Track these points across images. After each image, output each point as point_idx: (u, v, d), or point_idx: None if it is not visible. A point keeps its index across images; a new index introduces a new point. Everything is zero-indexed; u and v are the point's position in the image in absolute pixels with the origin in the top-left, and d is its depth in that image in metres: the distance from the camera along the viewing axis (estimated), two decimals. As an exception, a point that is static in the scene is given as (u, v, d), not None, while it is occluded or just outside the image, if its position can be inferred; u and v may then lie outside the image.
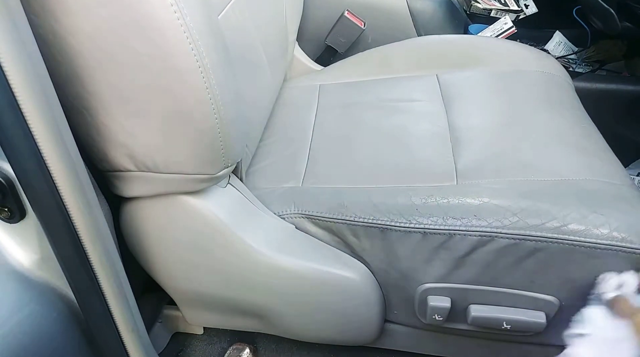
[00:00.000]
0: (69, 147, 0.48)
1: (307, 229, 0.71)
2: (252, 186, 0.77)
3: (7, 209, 0.51)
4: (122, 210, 0.67)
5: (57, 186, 0.47)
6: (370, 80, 1.03)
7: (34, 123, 0.43)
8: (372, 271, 0.70)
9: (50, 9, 0.47)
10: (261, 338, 0.91)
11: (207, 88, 0.52)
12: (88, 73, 0.51)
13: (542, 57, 1.02)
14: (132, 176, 0.60)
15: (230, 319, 0.81)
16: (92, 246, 0.52)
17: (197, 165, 0.58)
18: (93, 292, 0.55)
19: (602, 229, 0.59)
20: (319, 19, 1.20)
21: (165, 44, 0.48)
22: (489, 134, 0.80)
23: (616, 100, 1.12)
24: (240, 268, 0.69)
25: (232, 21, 0.76)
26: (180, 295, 0.78)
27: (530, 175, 0.69)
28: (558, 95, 0.90)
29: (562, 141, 0.76)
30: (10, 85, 0.41)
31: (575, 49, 1.27)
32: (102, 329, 0.59)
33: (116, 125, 0.55)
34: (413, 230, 0.64)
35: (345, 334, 0.75)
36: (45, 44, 0.48)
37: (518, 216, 0.61)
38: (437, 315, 0.67)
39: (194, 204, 0.64)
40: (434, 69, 1.02)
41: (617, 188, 0.67)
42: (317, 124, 0.92)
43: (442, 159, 0.76)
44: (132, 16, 0.47)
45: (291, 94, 1.05)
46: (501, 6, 1.38)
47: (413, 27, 1.18)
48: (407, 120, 0.87)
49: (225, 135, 0.56)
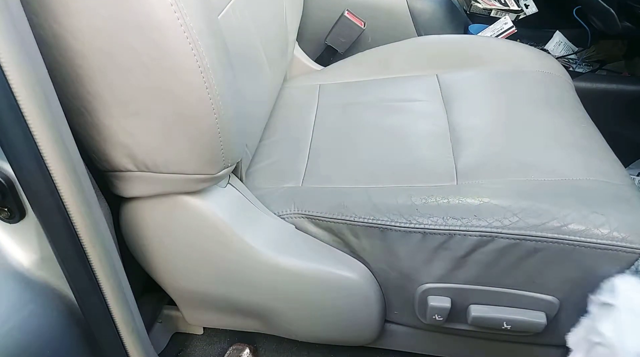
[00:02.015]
0: (69, 148, 0.48)
1: (307, 229, 0.71)
2: (252, 186, 0.77)
3: (7, 209, 0.51)
4: (122, 210, 0.67)
5: (57, 186, 0.47)
6: (370, 80, 1.03)
7: (34, 123, 0.43)
8: (372, 271, 0.70)
9: (50, 9, 0.47)
10: (261, 338, 0.91)
11: (207, 88, 0.52)
12: (88, 73, 0.51)
13: (542, 57, 1.02)
14: (132, 176, 0.60)
15: (230, 319, 0.81)
16: (91, 246, 0.52)
17: (197, 166, 0.58)
18: (93, 292, 0.55)
19: (602, 229, 0.59)
20: (319, 19, 1.20)
21: (165, 44, 0.48)
22: (489, 134, 0.80)
23: (616, 100, 1.12)
24: (240, 268, 0.69)
25: (232, 21, 0.76)
26: (180, 295, 0.78)
27: (530, 175, 0.69)
28: (558, 95, 0.90)
29: (562, 141, 0.76)
30: (10, 85, 0.41)
31: (575, 49, 1.27)
32: (102, 329, 0.59)
33: (116, 125, 0.55)
34: (413, 230, 0.64)
35: (345, 334, 0.75)
36: (45, 45, 0.49)
37: (518, 216, 0.61)
38: (437, 315, 0.67)
39: (194, 204, 0.64)
40: (434, 69, 1.02)
41: (617, 188, 0.67)
42: (317, 124, 0.92)
43: (442, 159, 0.76)
44: (132, 16, 0.47)
45: (291, 94, 1.05)
46: (501, 6, 1.38)
47: (413, 27, 1.18)
48: (407, 120, 0.87)
49: (225, 135, 0.56)
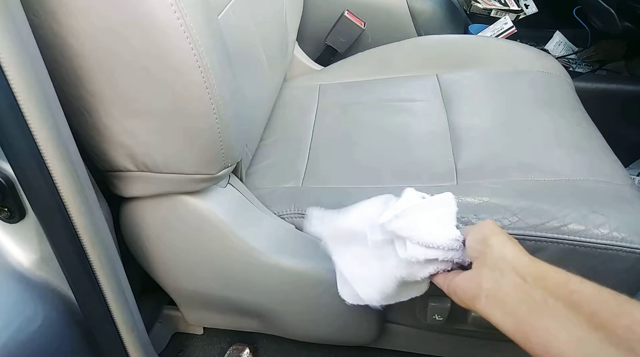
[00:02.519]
0: (69, 148, 0.48)
1: (307, 229, 0.71)
2: (252, 186, 0.77)
3: (7, 209, 0.51)
4: (122, 210, 0.67)
5: (57, 186, 0.47)
6: (370, 80, 1.04)
7: (34, 123, 0.43)
8: (372, 271, 0.70)
9: (50, 9, 0.47)
10: (261, 338, 0.91)
11: (207, 88, 0.52)
12: (88, 73, 0.51)
13: (542, 57, 1.02)
14: (132, 176, 0.60)
15: (230, 319, 0.81)
16: (91, 246, 0.52)
17: (197, 165, 0.58)
18: (93, 292, 0.55)
19: (602, 229, 0.59)
20: (319, 19, 1.20)
21: (165, 44, 0.48)
22: (489, 134, 0.80)
23: (616, 100, 1.12)
24: (240, 268, 0.69)
25: (232, 21, 0.76)
26: (180, 295, 0.78)
27: (530, 175, 0.69)
28: (558, 95, 0.90)
29: (562, 141, 0.76)
30: (10, 85, 0.41)
31: (575, 49, 1.28)
32: (102, 329, 0.59)
33: (116, 125, 0.55)
34: (413, 230, 0.63)
35: (345, 334, 0.75)
36: (45, 45, 0.48)
37: (518, 215, 0.61)
38: (437, 315, 0.67)
39: (194, 204, 0.64)
40: (434, 69, 1.02)
41: (617, 188, 0.67)
42: (317, 124, 0.92)
43: (442, 159, 0.76)
44: (132, 16, 0.47)
45: (291, 94, 1.05)
46: (501, 6, 1.38)
47: (413, 27, 1.18)
48: (407, 120, 0.87)
49: (225, 135, 0.56)
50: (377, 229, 0.54)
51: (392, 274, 0.53)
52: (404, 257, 0.50)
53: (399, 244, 0.52)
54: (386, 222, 0.51)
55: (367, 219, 0.56)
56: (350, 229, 0.57)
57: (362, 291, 0.56)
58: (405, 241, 0.50)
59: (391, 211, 0.52)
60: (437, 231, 0.50)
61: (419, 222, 0.50)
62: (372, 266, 0.55)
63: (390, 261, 0.53)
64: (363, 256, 0.56)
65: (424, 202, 0.53)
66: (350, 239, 0.57)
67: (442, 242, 0.49)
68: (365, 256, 0.56)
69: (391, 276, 0.53)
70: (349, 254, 0.58)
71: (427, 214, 0.51)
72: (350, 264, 0.58)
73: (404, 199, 0.54)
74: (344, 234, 0.58)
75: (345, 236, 0.58)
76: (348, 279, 0.58)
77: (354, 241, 0.57)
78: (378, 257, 0.55)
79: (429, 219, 0.51)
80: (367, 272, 0.56)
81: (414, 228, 0.50)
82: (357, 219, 0.57)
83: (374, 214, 0.55)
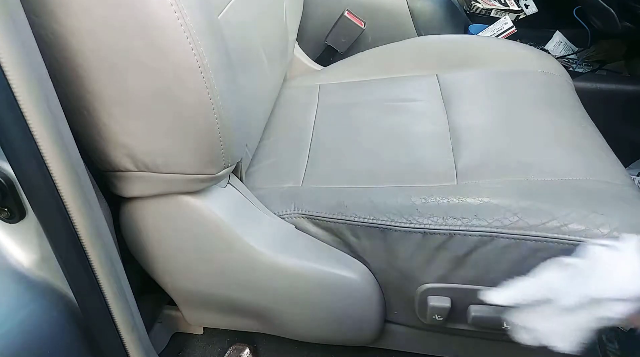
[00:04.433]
0: (69, 148, 0.48)
1: (307, 229, 0.71)
2: (252, 186, 0.77)
3: (7, 209, 0.51)
4: (122, 210, 0.67)
5: (57, 186, 0.47)
6: (370, 80, 1.03)
7: (34, 123, 0.43)
8: (372, 271, 0.70)
9: (50, 9, 0.47)
10: (261, 338, 0.91)
11: (207, 88, 0.52)
12: (88, 73, 0.51)
13: (542, 57, 1.02)
14: (132, 176, 0.60)
15: (230, 319, 0.81)
16: (91, 246, 0.52)
17: (197, 165, 0.58)
18: (93, 292, 0.55)
19: (602, 229, 0.59)
20: (319, 19, 1.20)
21: (166, 44, 0.48)
22: (489, 134, 0.80)
23: (616, 100, 1.12)
24: (240, 268, 0.69)
25: (232, 21, 0.76)
26: (180, 295, 0.78)
27: (530, 175, 0.69)
28: (558, 95, 0.90)
29: (562, 141, 0.76)
30: (10, 85, 0.41)
31: (575, 49, 1.28)
32: (102, 329, 0.59)
33: (116, 125, 0.55)
34: (413, 230, 0.64)
35: (345, 334, 0.75)
36: (45, 44, 0.48)
37: (518, 215, 0.61)
38: (437, 315, 0.67)
39: (194, 204, 0.64)
40: (434, 69, 1.02)
41: (618, 188, 0.67)
42: (317, 124, 0.92)
43: (442, 159, 0.76)
44: (133, 16, 0.47)
45: (291, 94, 1.05)
46: (501, 6, 1.38)
47: (413, 27, 1.18)
48: (407, 120, 0.87)
49: (226, 135, 0.56)
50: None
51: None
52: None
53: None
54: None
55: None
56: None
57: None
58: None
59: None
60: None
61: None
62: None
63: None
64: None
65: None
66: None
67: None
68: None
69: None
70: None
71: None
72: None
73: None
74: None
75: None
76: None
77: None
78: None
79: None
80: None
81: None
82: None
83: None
